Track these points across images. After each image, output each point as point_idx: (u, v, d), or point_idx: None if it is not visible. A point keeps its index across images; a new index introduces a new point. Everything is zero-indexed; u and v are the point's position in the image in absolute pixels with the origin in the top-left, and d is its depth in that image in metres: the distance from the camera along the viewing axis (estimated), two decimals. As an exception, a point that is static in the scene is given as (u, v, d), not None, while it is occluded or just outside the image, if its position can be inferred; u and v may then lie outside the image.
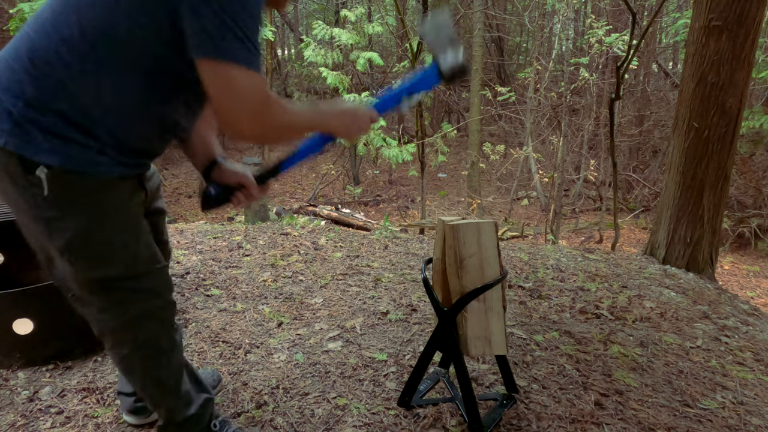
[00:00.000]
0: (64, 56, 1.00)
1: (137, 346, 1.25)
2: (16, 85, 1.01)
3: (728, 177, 3.42)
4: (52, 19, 1.02)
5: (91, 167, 1.05)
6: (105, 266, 1.15)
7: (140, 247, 1.19)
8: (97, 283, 1.16)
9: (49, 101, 1.01)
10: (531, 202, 10.25)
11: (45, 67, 1.00)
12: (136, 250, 1.18)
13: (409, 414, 1.67)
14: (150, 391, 1.33)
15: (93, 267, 1.14)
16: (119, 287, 1.18)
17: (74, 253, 1.12)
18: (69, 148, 1.03)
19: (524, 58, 15.24)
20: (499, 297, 1.54)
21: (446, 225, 1.50)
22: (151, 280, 1.22)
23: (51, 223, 1.08)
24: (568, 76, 8.74)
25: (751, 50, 3.15)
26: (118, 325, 1.23)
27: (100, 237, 1.12)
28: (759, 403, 1.92)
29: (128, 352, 1.26)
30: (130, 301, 1.20)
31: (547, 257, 3.42)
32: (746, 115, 7.12)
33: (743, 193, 8.16)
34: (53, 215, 1.07)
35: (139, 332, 1.24)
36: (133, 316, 1.22)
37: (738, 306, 2.98)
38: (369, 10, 10.84)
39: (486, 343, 1.52)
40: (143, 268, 1.20)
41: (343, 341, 2.13)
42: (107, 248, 1.14)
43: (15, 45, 1.05)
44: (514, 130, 11.20)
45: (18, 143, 1.00)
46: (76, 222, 1.08)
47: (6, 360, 1.88)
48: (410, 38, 5.52)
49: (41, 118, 1.00)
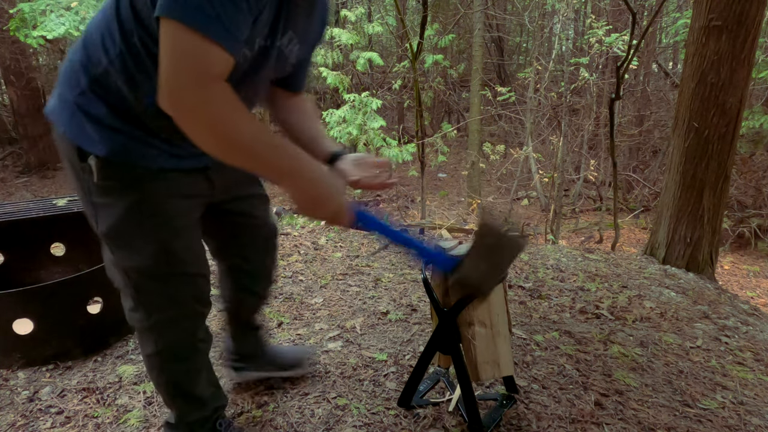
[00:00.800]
0: (107, 46, 1.00)
1: (158, 351, 1.27)
2: (74, 76, 1.04)
3: (728, 177, 3.42)
4: (104, 8, 1.03)
5: (138, 159, 1.06)
6: (136, 255, 1.14)
7: (177, 246, 1.17)
8: (127, 273, 1.17)
9: (98, 91, 1.02)
10: (531, 202, 10.25)
11: (94, 57, 1.02)
12: (172, 247, 1.16)
13: (409, 414, 1.67)
14: (165, 391, 1.35)
15: (126, 256, 1.15)
16: (147, 286, 1.18)
17: (113, 240, 1.15)
18: (117, 139, 1.04)
19: (524, 58, 15.25)
20: (505, 321, 1.54)
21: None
22: (179, 286, 1.21)
23: (98, 209, 1.11)
24: (568, 76, 8.74)
25: (751, 50, 3.15)
26: (144, 328, 1.25)
27: (137, 226, 1.12)
28: (759, 403, 1.92)
29: (150, 353, 1.28)
30: (156, 306, 1.21)
31: (547, 257, 3.42)
32: (746, 115, 7.12)
33: (743, 193, 8.15)
34: (100, 202, 1.10)
35: (161, 338, 1.26)
36: (157, 321, 1.23)
37: (738, 306, 2.98)
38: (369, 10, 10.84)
39: (495, 366, 1.52)
40: (174, 269, 1.18)
41: (343, 341, 2.13)
42: (142, 239, 1.13)
43: (81, 37, 1.08)
44: (514, 130, 11.19)
45: (74, 132, 1.04)
46: (119, 210, 1.10)
47: (6, 360, 1.88)
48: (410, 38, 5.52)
49: (91, 108, 1.02)
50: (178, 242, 1.17)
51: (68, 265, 2.44)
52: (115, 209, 1.10)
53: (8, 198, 9.64)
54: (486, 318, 1.50)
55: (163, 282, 1.18)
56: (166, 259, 1.16)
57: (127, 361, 1.96)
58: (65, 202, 2.37)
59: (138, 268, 1.16)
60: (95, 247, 2.42)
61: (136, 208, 1.10)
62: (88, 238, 2.44)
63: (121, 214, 1.10)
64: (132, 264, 1.16)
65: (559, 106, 8.84)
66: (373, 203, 10.96)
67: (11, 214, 2.20)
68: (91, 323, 1.99)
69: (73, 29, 6.02)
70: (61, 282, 1.88)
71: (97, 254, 2.41)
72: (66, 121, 1.04)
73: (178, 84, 0.86)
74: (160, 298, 1.20)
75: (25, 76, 9.95)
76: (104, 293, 2.01)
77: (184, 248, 1.19)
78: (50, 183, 10.66)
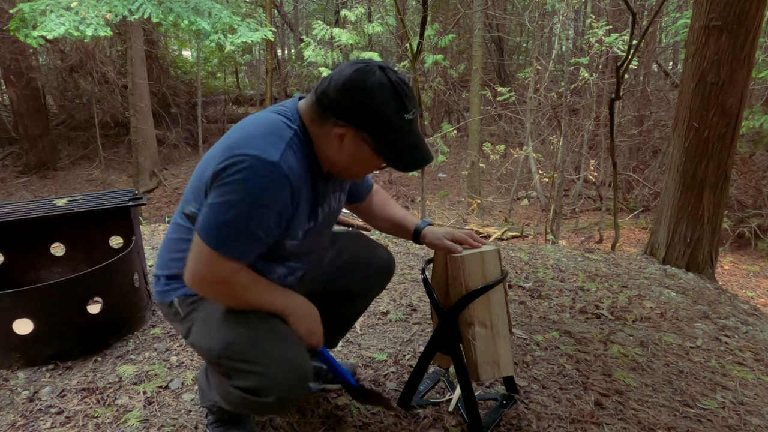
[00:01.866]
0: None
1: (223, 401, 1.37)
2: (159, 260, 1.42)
3: (728, 177, 3.42)
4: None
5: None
6: (205, 343, 1.32)
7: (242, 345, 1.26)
8: (209, 358, 1.35)
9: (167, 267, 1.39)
10: (531, 202, 10.25)
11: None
12: (235, 345, 1.26)
13: (409, 414, 1.67)
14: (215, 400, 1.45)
15: (204, 345, 1.33)
16: (220, 364, 1.30)
17: (192, 340, 1.36)
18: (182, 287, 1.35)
19: (524, 58, 15.24)
20: (505, 321, 1.54)
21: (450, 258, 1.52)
22: (244, 368, 1.26)
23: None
24: (568, 76, 8.73)
25: (751, 50, 3.15)
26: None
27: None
28: (759, 403, 1.92)
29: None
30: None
31: (547, 257, 3.42)
32: (746, 115, 7.11)
33: (743, 193, 8.15)
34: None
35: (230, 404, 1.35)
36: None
37: (738, 306, 2.98)
38: (369, 10, 10.84)
39: (495, 367, 1.52)
40: (237, 354, 1.26)
41: (343, 341, 2.12)
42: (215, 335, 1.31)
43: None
44: (514, 130, 11.19)
45: (163, 295, 1.38)
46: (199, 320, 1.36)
47: (6, 360, 1.88)
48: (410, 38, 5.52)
49: (167, 276, 1.38)
50: (242, 341, 1.34)
51: (68, 265, 2.43)
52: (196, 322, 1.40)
53: (8, 198, 9.64)
54: (486, 318, 1.50)
55: (230, 360, 1.32)
56: (226, 350, 1.31)
57: (127, 361, 1.96)
58: (65, 202, 2.37)
59: (211, 352, 1.36)
60: (95, 247, 2.44)
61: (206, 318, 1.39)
62: (88, 238, 2.45)
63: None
64: (210, 352, 1.36)
65: (559, 106, 8.84)
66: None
67: (11, 214, 2.20)
68: (91, 323, 1.99)
69: (73, 29, 6.01)
70: (61, 282, 1.88)
71: (97, 254, 2.43)
72: (158, 291, 1.41)
73: (196, 280, 1.23)
74: (232, 369, 1.34)
75: (25, 76, 9.95)
76: (104, 293, 2.01)
77: (249, 340, 1.34)
78: (50, 183, 10.66)
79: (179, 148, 12.30)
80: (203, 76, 13.56)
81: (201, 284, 1.23)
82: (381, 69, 1.19)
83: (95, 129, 11.22)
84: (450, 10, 12.16)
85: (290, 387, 1.22)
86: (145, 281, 2.36)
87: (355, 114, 1.19)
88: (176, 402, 1.70)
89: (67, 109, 12.32)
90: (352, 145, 1.22)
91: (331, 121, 1.21)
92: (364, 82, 1.16)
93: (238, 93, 15.65)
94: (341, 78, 1.18)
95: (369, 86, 1.17)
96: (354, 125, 1.19)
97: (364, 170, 1.32)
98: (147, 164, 10.40)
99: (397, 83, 1.18)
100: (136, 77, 9.70)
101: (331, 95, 1.19)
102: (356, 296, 1.65)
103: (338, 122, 1.20)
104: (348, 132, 1.20)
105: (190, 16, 6.71)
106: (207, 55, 14.09)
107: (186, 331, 1.35)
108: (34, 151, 10.75)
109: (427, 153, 1.27)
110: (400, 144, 1.22)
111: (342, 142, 1.22)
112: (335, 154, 1.25)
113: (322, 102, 1.21)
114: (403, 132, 1.21)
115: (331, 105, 1.19)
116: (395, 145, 1.22)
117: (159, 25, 7.42)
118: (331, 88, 1.19)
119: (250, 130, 1.20)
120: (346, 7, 11.02)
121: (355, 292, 1.63)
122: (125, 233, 2.43)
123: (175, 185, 11.33)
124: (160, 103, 12.04)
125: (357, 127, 1.19)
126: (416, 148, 1.24)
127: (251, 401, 1.23)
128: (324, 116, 1.21)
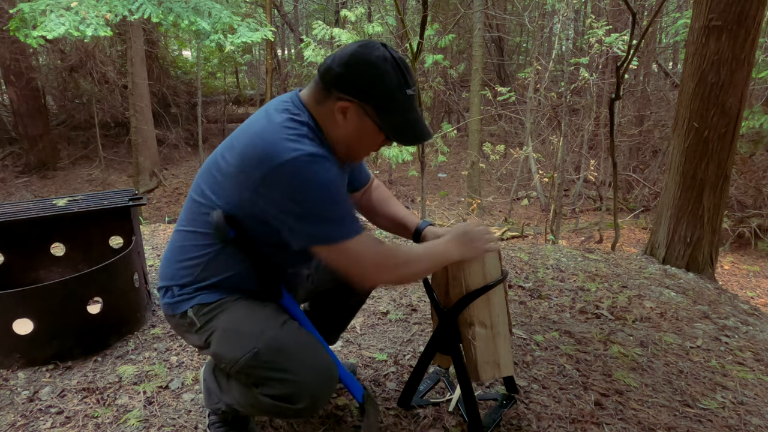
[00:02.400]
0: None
1: (241, 405, 1.38)
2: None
3: (728, 177, 3.42)
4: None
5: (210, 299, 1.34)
6: (230, 353, 1.30)
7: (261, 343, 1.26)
8: (236, 368, 1.31)
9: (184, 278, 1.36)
10: (531, 202, 10.24)
11: None
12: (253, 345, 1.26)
13: (409, 414, 1.67)
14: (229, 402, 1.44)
15: (228, 355, 1.30)
16: (247, 374, 1.29)
17: (215, 351, 1.33)
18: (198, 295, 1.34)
19: (524, 58, 15.24)
20: (505, 321, 1.54)
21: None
22: (259, 375, 1.27)
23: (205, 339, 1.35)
24: (568, 76, 8.71)
25: (751, 50, 3.15)
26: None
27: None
28: (759, 403, 1.92)
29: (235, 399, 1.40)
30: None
31: (547, 257, 3.42)
32: (746, 115, 7.11)
33: (743, 193, 8.15)
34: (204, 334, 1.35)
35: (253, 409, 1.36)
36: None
37: (738, 306, 2.98)
38: (369, 10, 10.83)
39: (495, 367, 1.52)
40: (255, 361, 1.26)
41: (343, 341, 2.13)
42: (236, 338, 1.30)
43: None
44: (514, 130, 11.19)
45: (174, 307, 1.35)
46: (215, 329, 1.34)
47: (6, 360, 1.88)
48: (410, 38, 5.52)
49: (179, 286, 1.35)
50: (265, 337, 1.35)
51: (68, 265, 2.43)
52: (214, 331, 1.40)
53: (8, 198, 9.63)
54: (486, 318, 1.50)
55: (249, 369, 1.33)
56: (245, 357, 1.31)
57: (127, 361, 1.96)
58: (65, 202, 2.37)
59: (230, 361, 1.35)
60: (95, 247, 2.44)
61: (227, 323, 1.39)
62: (88, 238, 2.45)
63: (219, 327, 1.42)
64: (226, 360, 1.36)
65: (559, 106, 8.83)
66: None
67: (11, 214, 2.20)
68: (91, 323, 1.99)
69: (73, 29, 6.01)
70: (61, 282, 1.88)
71: (97, 254, 2.43)
72: (169, 304, 1.40)
73: (369, 278, 1.28)
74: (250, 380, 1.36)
75: (25, 76, 9.95)
76: (104, 293, 2.01)
77: (270, 340, 1.34)
78: (50, 183, 10.66)
79: (179, 148, 12.30)
80: (203, 76, 13.56)
81: (376, 276, 1.28)
82: (383, 45, 1.21)
83: (95, 129, 11.21)
84: (450, 10, 12.15)
85: (321, 391, 1.24)
86: (146, 281, 2.36)
87: (360, 87, 1.20)
88: (176, 402, 1.70)
89: (67, 109, 12.31)
90: (355, 120, 1.23)
91: (334, 96, 1.21)
92: (368, 56, 1.18)
93: (238, 93, 15.64)
94: (345, 53, 1.20)
95: (373, 60, 1.18)
96: (358, 98, 1.20)
97: (366, 147, 1.31)
98: (147, 164, 10.40)
99: (399, 59, 1.21)
100: (136, 77, 9.70)
101: (336, 70, 1.20)
102: (353, 290, 1.63)
103: (342, 96, 1.20)
104: (351, 106, 1.21)
105: (190, 16, 6.71)
106: (207, 55, 14.08)
107: (203, 342, 1.33)
108: (34, 151, 10.75)
109: (428, 129, 1.28)
110: (402, 118, 1.23)
111: (345, 117, 1.22)
112: (339, 132, 1.25)
113: (326, 78, 1.22)
114: (405, 106, 1.22)
115: (335, 80, 1.20)
116: (398, 118, 1.23)
117: (159, 25, 7.41)
118: (335, 64, 1.20)
119: (269, 138, 1.19)
120: (346, 7, 11.02)
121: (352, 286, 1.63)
122: (125, 233, 2.43)
123: (175, 185, 11.33)
124: (160, 103, 12.05)
125: (361, 99, 1.20)
126: (418, 123, 1.26)
127: (284, 408, 1.23)
128: (328, 93, 1.22)
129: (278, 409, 1.25)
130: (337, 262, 1.24)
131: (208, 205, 1.27)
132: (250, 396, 1.30)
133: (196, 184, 1.33)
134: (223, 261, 1.30)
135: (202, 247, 1.29)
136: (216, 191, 1.26)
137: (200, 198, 1.30)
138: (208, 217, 1.27)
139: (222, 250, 1.29)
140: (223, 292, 1.32)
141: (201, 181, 1.31)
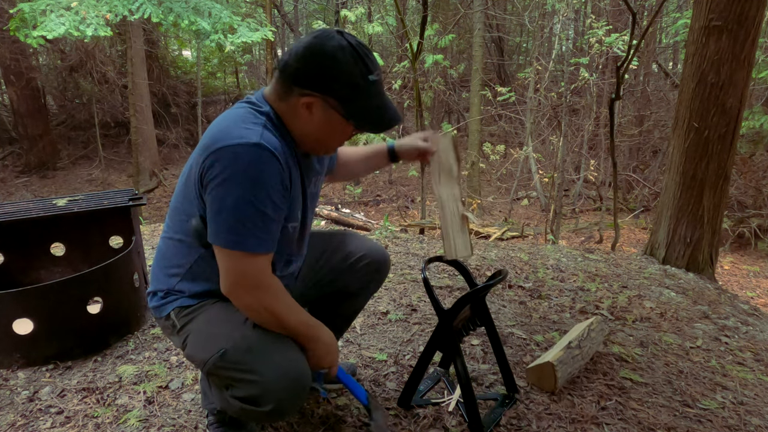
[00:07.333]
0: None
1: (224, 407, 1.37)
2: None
3: (728, 177, 3.42)
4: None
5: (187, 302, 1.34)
6: (201, 354, 1.29)
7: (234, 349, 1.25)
8: (206, 369, 1.30)
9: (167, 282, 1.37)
10: (531, 202, 10.25)
11: None
12: (233, 345, 1.24)
13: (409, 414, 1.67)
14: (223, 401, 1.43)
15: (199, 356, 1.30)
16: (217, 375, 1.28)
17: (188, 352, 1.33)
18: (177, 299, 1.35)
19: (524, 58, 15.24)
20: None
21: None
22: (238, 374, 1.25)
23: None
24: (568, 76, 8.72)
25: (751, 50, 3.15)
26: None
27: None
28: (759, 403, 1.92)
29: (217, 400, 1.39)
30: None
31: (547, 257, 3.42)
32: (746, 115, 7.12)
33: (743, 193, 8.15)
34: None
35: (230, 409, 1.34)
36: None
37: (738, 306, 2.98)
38: (369, 10, 10.83)
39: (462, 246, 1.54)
40: (235, 358, 1.23)
41: (343, 341, 2.13)
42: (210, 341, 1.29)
43: None
44: (514, 130, 11.20)
45: (160, 310, 1.36)
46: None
47: (6, 360, 1.88)
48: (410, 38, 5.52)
49: (164, 291, 1.36)
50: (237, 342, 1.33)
51: (68, 265, 2.43)
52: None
53: (8, 198, 9.64)
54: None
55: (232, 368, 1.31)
56: (224, 357, 1.30)
57: (127, 361, 1.96)
58: (65, 202, 2.37)
59: (204, 361, 1.35)
60: (95, 247, 2.44)
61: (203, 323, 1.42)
62: (88, 238, 2.45)
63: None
64: (198, 360, 1.36)
65: (559, 106, 8.83)
66: (373, 203, 10.96)
67: (11, 214, 2.19)
68: (91, 323, 1.99)
69: (73, 29, 6.01)
70: (61, 282, 1.88)
71: (96, 254, 2.43)
72: (155, 307, 1.42)
73: (232, 289, 1.21)
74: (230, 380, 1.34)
75: (25, 76, 9.96)
76: (104, 293, 2.01)
77: (242, 343, 1.33)
78: (50, 183, 10.67)
79: (179, 148, 12.31)
80: (203, 76, 13.56)
81: (238, 293, 1.20)
82: (339, 33, 1.17)
83: (95, 129, 11.23)
84: (450, 10, 12.15)
85: (287, 394, 1.19)
86: (145, 281, 2.36)
87: (320, 80, 1.16)
88: (176, 402, 1.70)
89: (67, 109, 12.32)
90: (321, 114, 1.20)
91: (296, 92, 1.18)
92: (324, 46, 1.14)
93: (238, 93, 15.64)
94: (300, 46, 1.16)
95: (330, 50, 1.14)
96: (320, 92, 1.17)
97: (336, 139, 1.28)
98: (147, 164, 10.41)
99: (357, 46, 1.16)
100: (136, 77, 9.70)
101: (293, 65, 1.17)
102: (354, 295, 1.64)
103: (304, 92, 1.17)
104: (315, 101, 1.18)
105: (190, 16, 6.72)
106: (207, 55, 14.09)
107: (182, 343, 1.33)
108: (34, 151, 10.75)
109: (396, 114, 1.24)
110: (367, 105, 1.20)
111: (311, 113, 1.20)
112: (306, 127, 1.22)
113: (285, 74, 1.19)
114: (369, 93, 1.18)
115: (294, 75, 1.17)
116: (363, 107, 1.19)
117: (159, 25, 7.42)
118: (292, 58, 1.17)
119: (221, 126, 1.18)
120: (346, 7, 11.02)
121: (353, 290, 1.63)
122: (125, 233, 2.42)
123: (175, 185, 11.32)
124: (160, 103, 12.05)
125: (323, 92, 1.17)
126: (385, 108, 1.22)
127: (250, 411, 1.21)
128: (289, 89, 1.19)
129: (245, 412, 1.23)
130: (221, 262, 1.21)
131: (184, 211, 1.27)
132: (222, 399, 1.29)
133: (176, 191, 1.32)
134: (204, 265, 1.29)
135: (184, 254, 1.29)
136: (187, 195, 1.25)
137: (178, 203, 1.29)
138: (186, 224, 1.26)
139: (203, 255, 1.28)
140: (204, 296, 1.32)
141: (178, 188, 1.31)
